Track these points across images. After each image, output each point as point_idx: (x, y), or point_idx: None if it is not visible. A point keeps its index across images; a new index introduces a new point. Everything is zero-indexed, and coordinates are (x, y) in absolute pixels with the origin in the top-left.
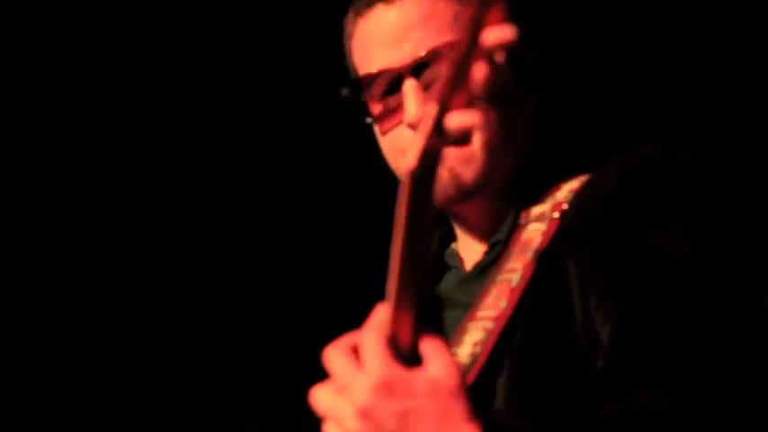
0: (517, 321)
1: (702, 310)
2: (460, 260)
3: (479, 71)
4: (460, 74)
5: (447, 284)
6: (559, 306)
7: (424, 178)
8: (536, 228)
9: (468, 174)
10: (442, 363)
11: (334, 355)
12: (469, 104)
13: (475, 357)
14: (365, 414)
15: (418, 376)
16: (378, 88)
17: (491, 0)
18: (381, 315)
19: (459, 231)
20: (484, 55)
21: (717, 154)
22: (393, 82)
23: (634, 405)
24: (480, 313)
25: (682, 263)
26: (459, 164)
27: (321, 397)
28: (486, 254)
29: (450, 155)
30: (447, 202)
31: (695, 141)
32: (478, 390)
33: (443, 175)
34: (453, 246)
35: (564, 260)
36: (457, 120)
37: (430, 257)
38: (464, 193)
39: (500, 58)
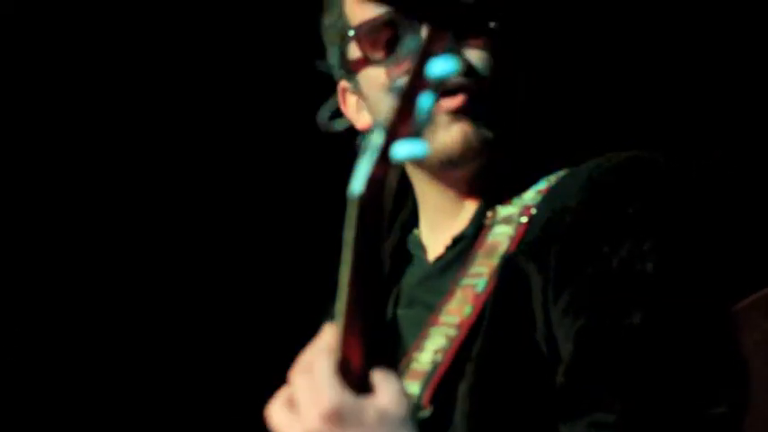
0: (479, 330)
1: (666, 331)
2: (423, 249)
3: (426, 101)
4: (408, 103)
5: (409, 279)
6: (522, 317)
7: (372, 204)
8: (503, 231)
9: (489, 132)
10: (391, 392)
11: (295, 373)
12: (416, 133)
13: (436, 365)
14: None
15: (368, 405)
16: (383, 34)
17: (438, 32)
18: (330, 336)
19: (423, 217)
20: (431, 85)
21: (684, 164)
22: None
23: (592, 426)
24: (443, 318)
25: (648, 279)
26: (480, 119)
27: (276, 415)
28: (449, 249)
29: (476, 109)
30: (465, 153)
31: (666, 150)
32: (438, 400)
33: (466, 127)
34: (416, 232)
35: (528, 270)
36: (404, 150)
37: (381, 279)
38: (486, 141)
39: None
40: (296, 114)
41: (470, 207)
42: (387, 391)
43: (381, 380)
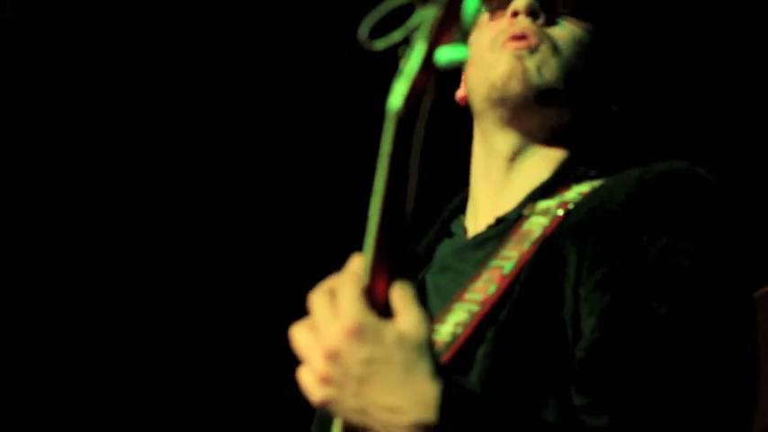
0: (503, 305)
1: (688, 326)
2: (464, 230)
3: (471, 6)
4: (451, 9)
5: (444, 249)
6: (551, 292)
7: (410, 120)
8: (538, 221)
9: (540, 78)
10: (411, 316)
11: (318, 296)
12: (460, 39)
13: (455, 336)
14: (333, 356)
15: (388, 326)
16: None
17: None
18: (358, 263)
19: (471, 201)
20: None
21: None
22: None
23: (607, 398)
24: (467, 296)
25: (680, 275)
26: (534, 62)
27: (299, 335)
28: (490, 227)
29: (540, 55)
30: (501, 96)
31: (708, 164)
32: (455, 365)
33: (512, 65)
34: (461, 217)
35: (564, 250)
36: (446, 54)
37: (412, 206)
38: (525, 96)
39: None
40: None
41: (515, 197)
42: (407, 316)
43: (401, 305)
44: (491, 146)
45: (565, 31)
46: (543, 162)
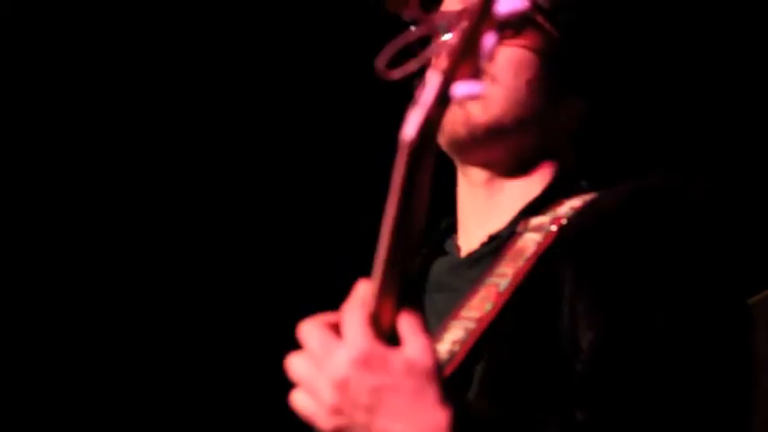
0: (500, 323)
1: (688, 336)
2: (457, 249)
3: (489, 41)
4: (470, 43)
5: (438, 268)
6: (548, 307)
7: (423, 150)
8: (532, 238)
9: (482, 116)
10: (418, 344)
11: (310, 329)
12: (476, 75)
13: (453, 354)
14: (341, 386)
15: (396, 354)
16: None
17: None
18: (364, 291)
19: (460, 222)
20: (495, 25)
21: (721, 192)
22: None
23: (608, 413)
24: (464, 313)
25: (678, 286)
26: (475, 103)
27: (298, 365)
28: (484, 245)
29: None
30: (454, 141)
31: (704, 176)
32: (453, 382)
33: (455, 111)
34: (454, 236)
35: (560, 265)
36: (462, 90)
37: (421, 235)
38: (473, 136)
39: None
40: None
41: (505, 214)
42: (414, 344)
43: (409, 333)
44: (468, 177)
45: (503, 56)
46: (532, 178)
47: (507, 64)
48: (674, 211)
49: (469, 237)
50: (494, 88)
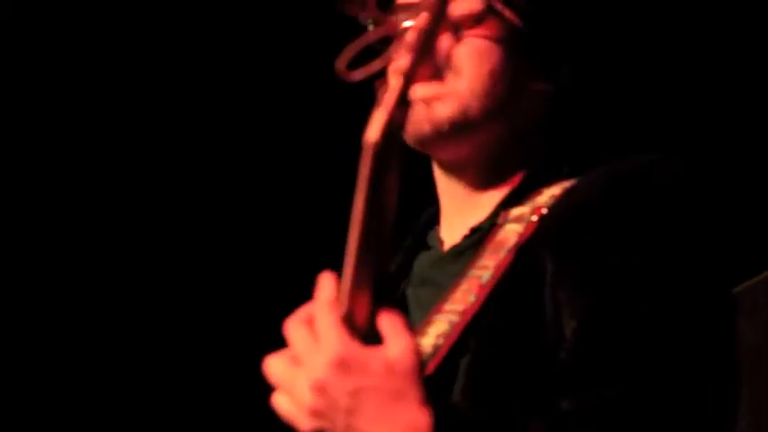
0: (484, 315)
1: (671, 323)
2: (440, 242)
3: (446, 42)
4: (427, 44)
5: (421, 262)
6: (530, 298)
7: (387, 151)
8: (513, 228)
9: (446, 111)
10: (400, 343)
11: (294, 327)
12: (435, 75)
13: (437, 348)
14: (320, 389)
15: (375, 355)
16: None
17: None
18: (330, 287)
19: (443, 215)
20: (451, 25)
21: (705, 170)
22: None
23: (593, 401)
24: (447, 306)
25: (661, 272)
26: (439, 99)
27: (276, 367)
28: (466, 238)
29: (431, 89)
30: (420, 139)
31: (689, 155)
32: (439, 376)
33: (420, 109)
34: (436, 228)
35: (541, 254)
36: (422, 92)
37: (392, 234)
38: (439, 132)
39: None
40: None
41: (486, 205)
42: (396, 343)
43: (391, 332)
44: (445, 172)
45: (464, 48)
46: (508, 169)
47: (468, 56)
48: (652, 194)
49: (452, 229)
50: (456, 81)
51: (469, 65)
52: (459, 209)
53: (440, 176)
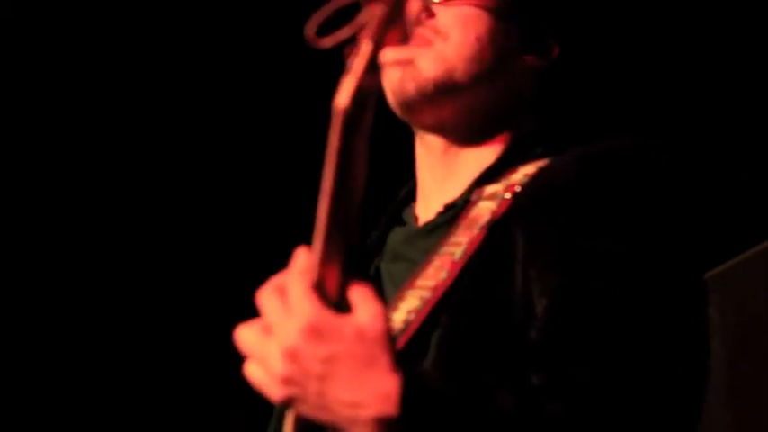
0: (455, 290)
1: (639, 300)
2: (415, 218)
3: (414, 6)
4: (396, 9)
5: (395, 238)
6: (502, 274)
7: (357, 118)
8: (486, 206)
9: (431, 71)
10: (370, 310)
11: (266, 296)
12: (404, 40)
13: (408, 323)
14: (291, 356)
15: (346, 322)
16: None
17: None
18: (304, 258)
19: (420, 191)
20: None
21: (680, 155)
22: None
23: (563, 379)
24: (419, 282)
25: (631, 250)
26: (425, 58)
27: (246, 336)
28: (440, 215)
29: (401, 53)
30: (404, 99)
31: (666, 139)
32: (409, 351)
33: (405, 69)
34: (412, 205)
35: (513, 231)
36: (392, 56)
37: (360, 202)
38: (423, 92)
39: None
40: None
41: (462, 182)
42: (365, 310)
43: (360, 300)
44: (426, 142)
45: (451, 13)
46: (487, 145)
47: (456, 21)
48: (625, 177)
49: (428, 206)
50: (444, 45)
51: (457, 30)
52: (437, 185)
53: (420, 151)
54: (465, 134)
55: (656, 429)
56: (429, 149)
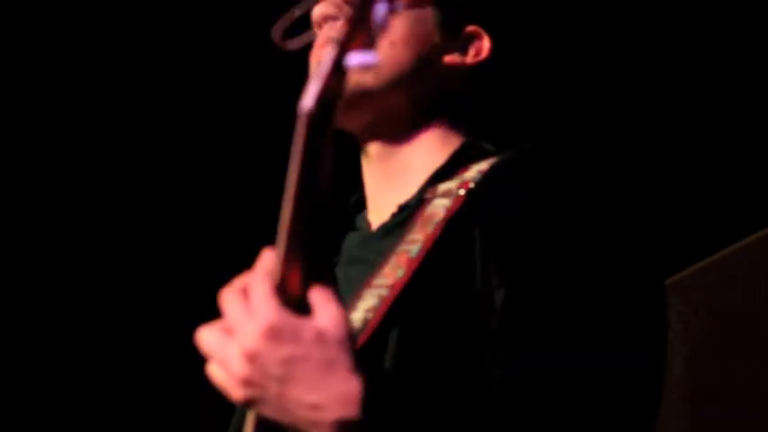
0: (413, 287)
1: (596, 287)
2: (368, 224)
3: (381, 10)
4: (362, 13)
5: (350, 242)
6: (460, 269)
7: (322, 120)
8: (441, 203)
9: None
10: (329, 313)
11: (229, 297)
12: (369, 44)
13: (366, 322)
14: (251, 358)
15: (306, 324)
16: None
17: None
18: (268, 260)
19: (368, 198)
20: None
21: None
22: None
23: (522, 370)
24: (376, 281)
25: (587, 243)
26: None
27: (207, 337)
28: (394, 216)
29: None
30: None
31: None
32: (369, 349)
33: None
34: (364, 212)
35: (469, 226)
36: (356, 59)
37: (325, 205)
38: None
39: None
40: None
41: (412, 184)
42: (325, 313)
43: (320, 302)
44: (366, 152)
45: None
46: (431, 146)
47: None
48: (579, 168)
49: (379, 211)
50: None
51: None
52: (385, 190)
53: (364, 159)
54: (396, 137)
55: (611, 424)
56: (367, 155)
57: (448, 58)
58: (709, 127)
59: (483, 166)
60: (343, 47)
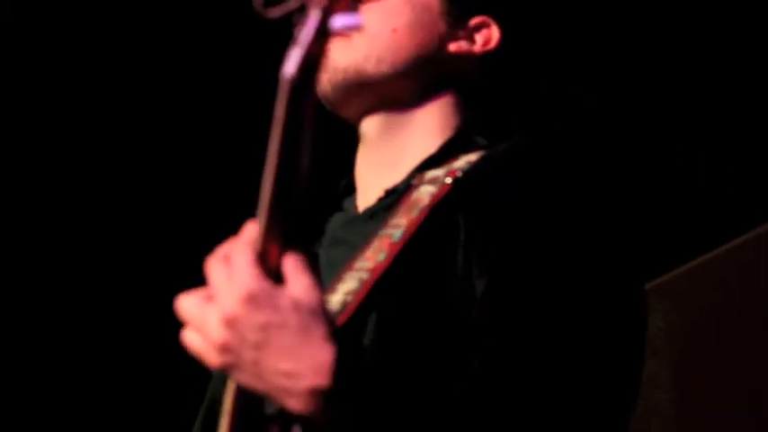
0: (393, 272)
1: (576, 279)
2: (355, 206)
3: None
4: None
5: (335, 223)
6: (441, 256)
7: (304, 87)
8: (427, 190)
9: (341, 60)
10: (301, 282)
11: (213, 264)
12: (353, 7)
13: (345, 305)
14: (229, 323)
15: (282, 292)
16: None
17: None
18: (252, 229)
19: (357, 181)
20: None
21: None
22: None
23: (500, 361)
24: (358, 264)
25: (569, 237)
26: (338, 49)
27: (187, 304)
28: (380, 200)
29: (337, 41)
30: (321, 93)
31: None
32: (347, 331)
33: (334, 54)
34: (353, 196)
35: (454, 214)
36: (340, 22)
37: (306, 175)
38: (333, 82)
39: None
40: None
41: (401, 171)
42: (299, 282)
43: (292, 272)
44: (359, 132)
45: (376, 7)
46: (427, 134)
47: (377, 14)
48: (566, 162)
49: (367, 194)
50: (359, 37)
51: (374, 23)
52: (375, 173)
53: (361, 142)
54: (395, 123)
55: (586, 419)
56: (363, 138)
57: (454, 46)
58: (699, 129)
59: (473, 156)
60: (327, 10)
